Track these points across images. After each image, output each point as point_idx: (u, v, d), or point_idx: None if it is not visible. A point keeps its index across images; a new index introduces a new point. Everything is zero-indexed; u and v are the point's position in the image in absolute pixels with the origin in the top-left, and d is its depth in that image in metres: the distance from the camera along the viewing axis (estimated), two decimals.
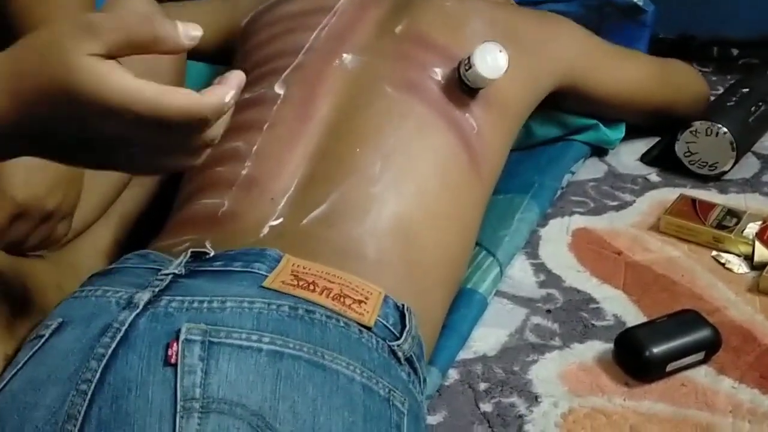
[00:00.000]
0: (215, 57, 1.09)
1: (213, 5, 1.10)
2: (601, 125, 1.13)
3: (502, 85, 0.83)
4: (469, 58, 0.81)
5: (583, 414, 0.76)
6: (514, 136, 0.93)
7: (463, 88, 0.83)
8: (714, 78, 1.27)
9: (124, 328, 0.55)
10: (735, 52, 1.42)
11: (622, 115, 1.14)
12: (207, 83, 1.17)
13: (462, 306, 0.85)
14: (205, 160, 0.80)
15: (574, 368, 0.81)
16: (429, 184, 0.77)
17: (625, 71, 1.08)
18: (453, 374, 0.81)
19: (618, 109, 1.11)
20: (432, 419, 0.76)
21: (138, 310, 0.56)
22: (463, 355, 0.83)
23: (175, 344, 0.53)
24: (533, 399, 0.78)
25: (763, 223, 0.96)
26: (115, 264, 0.68)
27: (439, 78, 0.83)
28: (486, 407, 0.77)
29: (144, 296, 0.57)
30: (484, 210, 0.86)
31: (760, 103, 1.13)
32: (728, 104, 1.12)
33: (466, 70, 0.81)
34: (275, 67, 0.85)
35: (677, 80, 1.15)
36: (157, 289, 0.58)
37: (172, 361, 0.52)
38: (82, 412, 0.52)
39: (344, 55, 0.85)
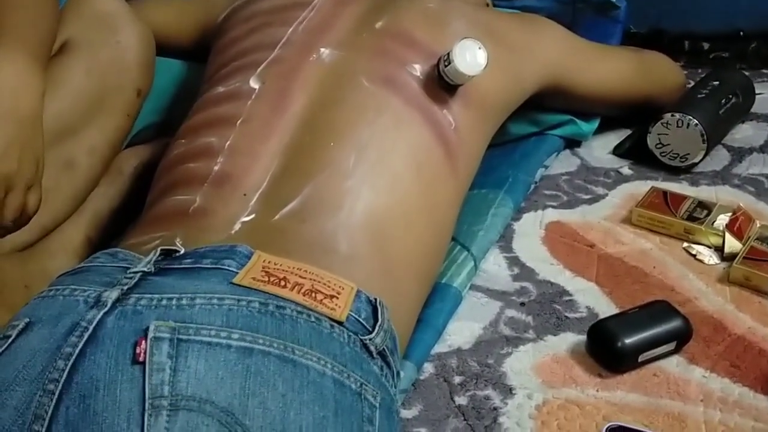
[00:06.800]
0: (190, 54, 1.08)
1: (188, 2, 1.09)
2: (575, 119, 1.14)
3: (481, 82, 0.84)
4: (448, 54, 0.81)
5: (557, 405, 0.76)
6: (492, 133, 0.93)
7: (441, 84, 0.83)
8: (685, 71, 1.28)
9: (92, 327, 0.54)
10: (705, 45, 1.43)
11: (604, 109, 1.15)
12: (180, 80, 1.17)
13: (437, 300, 0.85)
14: (178, 156, 0.80)
15: (547, 360, 0.81)
16: (403, 179, 0.77)
17: (608, 67, 1.09)
18: (428, 368, 0.81)
19: (600, 104, 1.12)
20: (407, 413, 0.76)
21: (106, 309, 0.56)
22: (438, 348, 0.83)
23: (143, 342, 0.53)
24: (508, 391, 0.78)
25: (733, 214, 0.97)
26: (83, 263, 0.67)
27: (418, 74, 0.83)
28: (461, 400, 0.77)
29: (112, 294, 0.57)
30: (460, 205, 0.86)
31: (731, 96, 1.15)
32: (699, 96, 1.13)
33: (445, 66, 0.81)
34: (251, 61, 0.85)
35: (656, 72, 1.17)
36: (125, 288, 0.58)
37: (141, 359, 0.52)
38: (50, 412, 0.51)
39: (321, 49, 0.84)
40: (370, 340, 0.62)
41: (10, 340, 0.57)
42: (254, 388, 0.53)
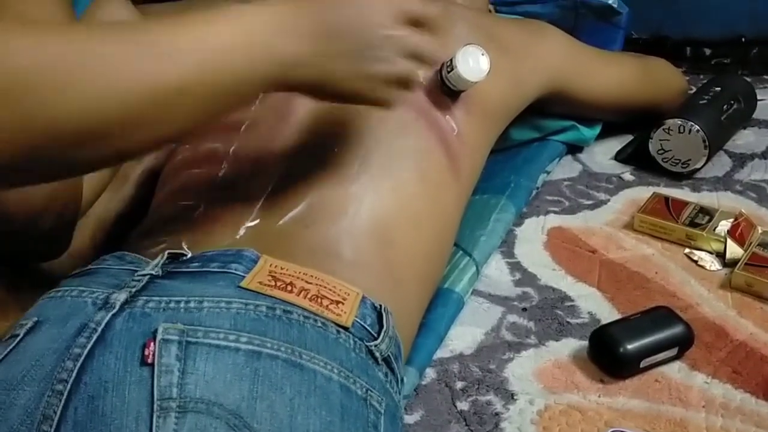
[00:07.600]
0: None
1: (191, 6, 1.09)
2: (577, 125, 1.14)
3: (484, 88, 0.84)
4: (451, 60, 0.81)
5: (559, 411, 0.76)
6: (494, 139, 0.93)
7: (444, 90, 0.84)
8: (687, 77, 1.28)
9: (100, 328, 0.55)
10: (707, 51, 1.44)
11: (606, 115, 1.15)
12: None
13: (439, 305, 0.86)
14: (183, 161, 0.81)
15: (549, 366, 0.82)
16: (407, 184, 0.77)
17: (610, 73, 1.10)
18: (430, 373, 0.81)
19: (602, 110, 1.13)
20: (409, 418, 0.76)
21: (114, 310, 0.56)
22: (440, 354, 0.83)
23: (152, 344, 0.53)
24: (509, 397, 0.78)
25: (735, 220, 0.97)
26: (91, 265, 0.67)
27: (421, 80, 0.83)
28: (463, 406, 0.78)
29: (121, 296, 0.57)
30: (463, 211, 0.87)
31: (732, 102, 1.15)
32: (701, 102, 1.13)
33: (448, 72, 0.82)
34: None
35: (658, 78, 1.18)
36: (134, 290, 0.58)
37: (149, 361, 0.52)
38: (58, 413, 0.51)
39: None
40: (375, 346, 0.62)
41: (18, 339, 0.57)
42: (262, 392, 0.53)
